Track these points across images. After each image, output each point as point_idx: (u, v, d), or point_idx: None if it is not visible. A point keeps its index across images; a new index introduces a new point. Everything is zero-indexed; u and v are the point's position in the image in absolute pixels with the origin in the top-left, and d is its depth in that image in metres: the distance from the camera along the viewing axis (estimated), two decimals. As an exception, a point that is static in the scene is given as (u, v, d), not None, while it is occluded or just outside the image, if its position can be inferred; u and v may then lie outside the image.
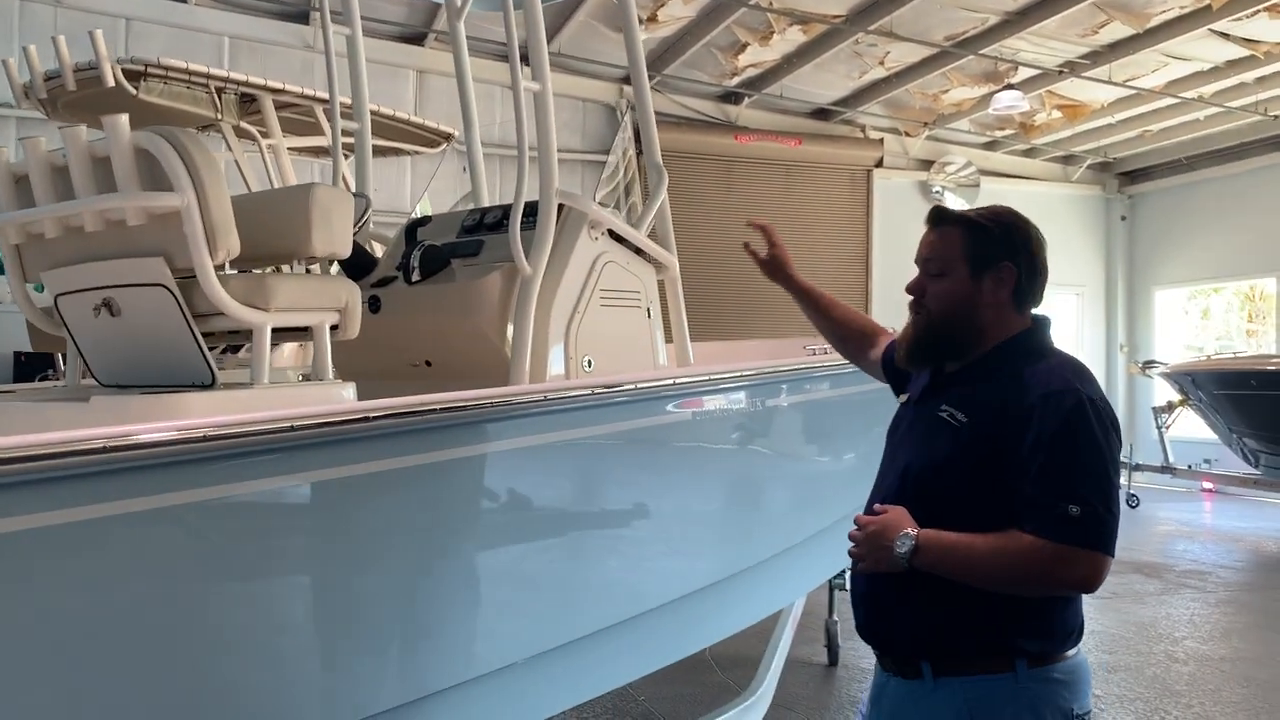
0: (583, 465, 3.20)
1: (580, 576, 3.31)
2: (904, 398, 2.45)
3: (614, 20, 10.45)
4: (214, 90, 5.36)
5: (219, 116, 5.49)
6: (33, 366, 8.40)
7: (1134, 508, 12.08)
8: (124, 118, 2.48)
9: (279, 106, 5.74)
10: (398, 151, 6.92)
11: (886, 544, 2.06)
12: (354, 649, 2.44)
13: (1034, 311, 2.27)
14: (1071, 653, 2.13)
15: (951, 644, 2.10)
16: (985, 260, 2.18)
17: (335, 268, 3.85)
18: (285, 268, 4.10)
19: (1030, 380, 2.09)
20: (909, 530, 2.05)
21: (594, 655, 3.36)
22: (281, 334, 2.87)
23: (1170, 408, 12.49)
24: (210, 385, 2.66)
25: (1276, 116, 12.48)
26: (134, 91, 5.00)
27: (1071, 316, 15.63)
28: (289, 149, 5.93)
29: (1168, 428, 12.59)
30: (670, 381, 3.37)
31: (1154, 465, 12.61)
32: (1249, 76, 11.43)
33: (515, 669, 2.97)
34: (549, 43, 11.30)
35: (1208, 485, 13.13)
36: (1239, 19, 9.80)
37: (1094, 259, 15.63)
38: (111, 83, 4.89)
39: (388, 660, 2.54)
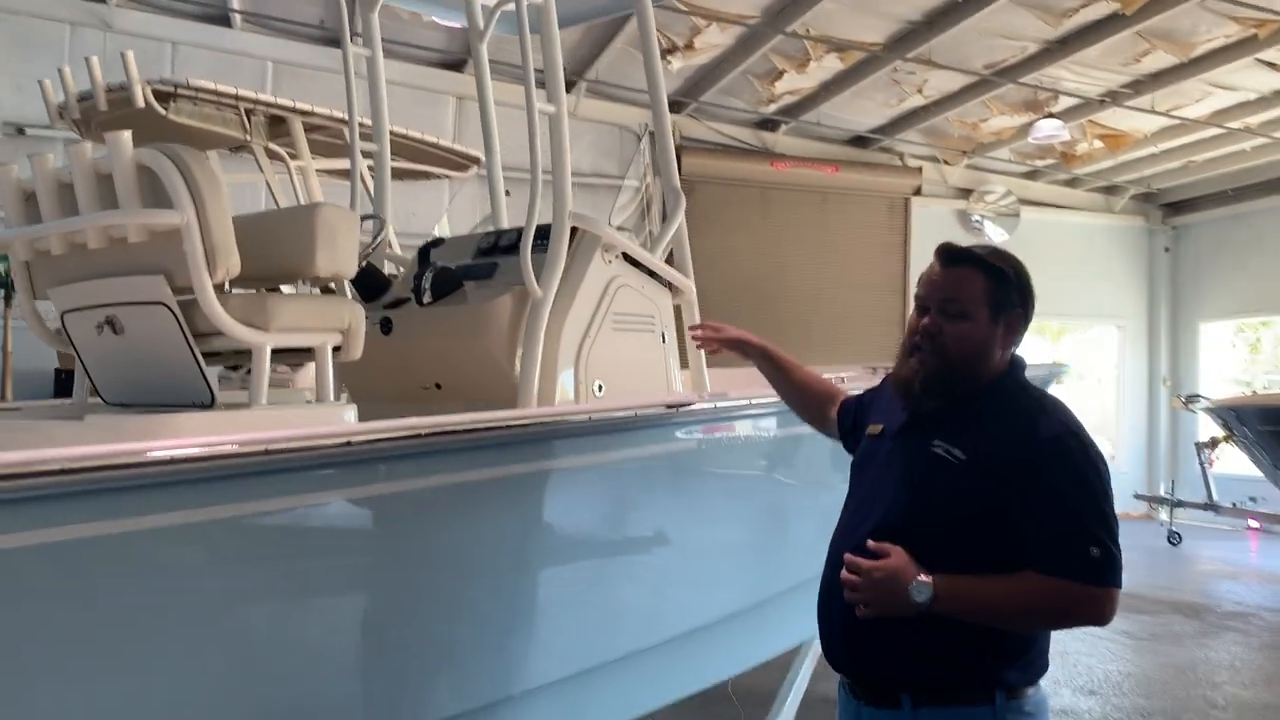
0: (593, 492, 3.14)
1: (592, 605, 3.25)
2: (877, 429, 2.42)
3: (651, 47, 10.45)
4: (243, 111, 5.40)
5: (248, 138, 5.53)
6: (70, 383, 8.46)
7: (1175, 545, 11.80)
8: (127, 134, 2.48)
9: (309, 129, 5.78)
10: (427, 175, 6.95)
11: (899, 591, 2.05)
12: (336, 680, 2.39)
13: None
14: (1033, 689, 2.18)
15: (935, 676, 2.12)
16: (1002, 306, 2.23)
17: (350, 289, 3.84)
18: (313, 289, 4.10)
19: (1029, 422, 2.15)
20: (924, 577, 2.04)
21: (607, 685, 3.29)
22: (284, 354, 2.85)
23: (1214, 443, 12.21)
24: (209, 405, 2.64)
25: (1326, 147, 12.23)
26: (164, 112, 5.05)
27: (1113, 349, 15.37)
28: (318, 171, 5.97)
29: (1211, 464, 12.31)
30: (670, 409, 3.28)
31: (1197, 502, 12.30)
32: (1296, 107, 11.21)
33: (517, 700, 2.91)
34: (587, 70, 11.37)
35: (1253, 524, 12.77)
36: (1287, 48, 9.62)
37: (1136, 291, 15.33)
38: (141, 103, 4.94)
39: (377, 694, 2.49)
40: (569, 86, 11.90)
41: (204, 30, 10.51)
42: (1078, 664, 6.71)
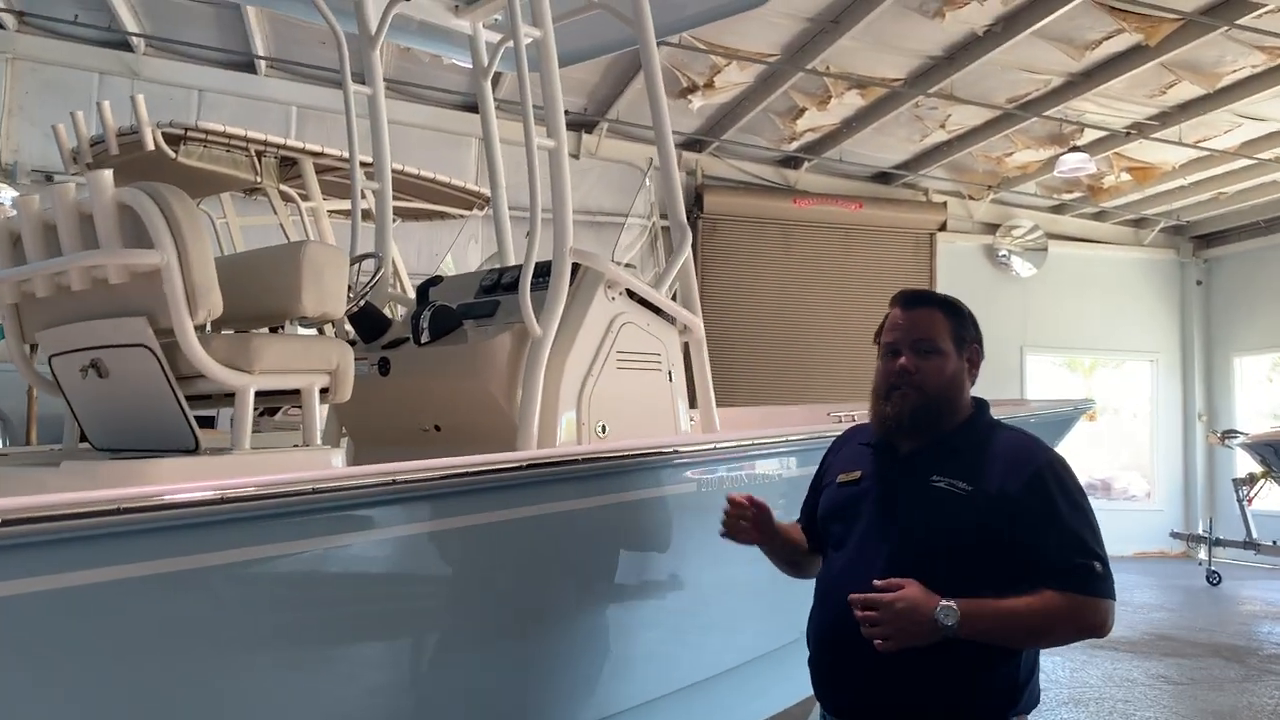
0: (590, 538, 3.02)
1: (596, 654, 3.12)
2: (852, 475, 2.45)
3: (671, 87, 10.46)
4: (254, 153, 5.41)
5: (259, 179, 5.53)
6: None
7: (1215, 585, 11.49)
8: (107, 173, 2.44)
9: (320, 169, 5.79)
10: (443, 215, 6.95)
11: (923, 620, 2.07)
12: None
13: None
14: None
15: (957, 708, 2.18)
16: (964, 340, 2.41)
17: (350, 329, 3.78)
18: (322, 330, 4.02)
19: (1016, 452, 2.29)
20: (947, 603, 2.08)
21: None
22: (268, 397, 2.77)
23: (1252, 480, 11.92)
24: (194, 450, 2.56)
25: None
26: (173, 155, 5.06)
27: (1146, 384, 15.06)
28: (331, 212, 5.97)
29: (1250, 501, 11.99)
30: (670, 450, 3.14)
31: (1236, 540, 11.98)
32: (1327, 136, 11.03)
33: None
34: (608, 110, 11.34)
35: (1296, 562, 12.45)
36: (1314, 77, 9.47)
37: (1169, 325, 15.07)
38: (151, 146, 4.96)
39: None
40: (590, 127, 11.92)
41: (229, 77, 10.66)
42: (1114, 710, 6.48)
